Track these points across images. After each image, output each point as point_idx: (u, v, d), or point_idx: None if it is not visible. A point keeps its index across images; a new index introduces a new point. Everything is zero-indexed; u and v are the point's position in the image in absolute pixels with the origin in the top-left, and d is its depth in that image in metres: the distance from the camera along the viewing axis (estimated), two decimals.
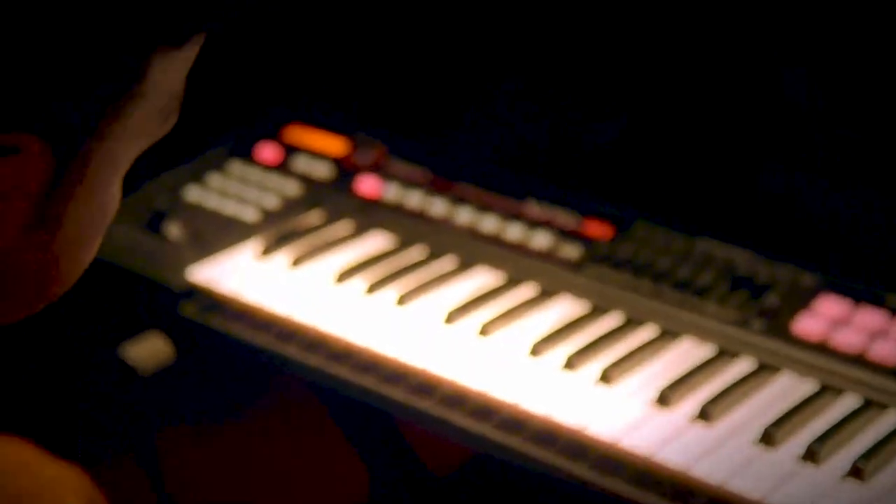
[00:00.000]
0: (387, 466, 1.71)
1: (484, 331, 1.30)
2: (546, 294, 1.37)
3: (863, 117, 1.34)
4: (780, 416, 1.17)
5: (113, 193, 0.73)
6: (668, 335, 1.30)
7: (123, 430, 1.59)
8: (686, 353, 1.27)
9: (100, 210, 0.73)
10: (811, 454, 1.12)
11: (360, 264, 1.41)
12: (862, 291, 1.29)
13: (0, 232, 0.68)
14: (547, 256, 1.41)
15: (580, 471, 1.16)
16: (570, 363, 1.25)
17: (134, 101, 0.69)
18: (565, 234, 1.43)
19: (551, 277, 1.39)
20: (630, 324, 1.32)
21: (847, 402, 1.20)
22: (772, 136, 1.40)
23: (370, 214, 1.51)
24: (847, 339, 1.24)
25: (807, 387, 1.22)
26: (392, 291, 1.37)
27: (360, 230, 1.49)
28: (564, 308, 1.35)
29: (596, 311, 1.34)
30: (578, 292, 1.36)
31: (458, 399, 1.25)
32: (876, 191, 1.34)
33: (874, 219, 1.33)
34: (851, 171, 1.35)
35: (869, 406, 1.19)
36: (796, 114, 1.38)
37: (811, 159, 1.38)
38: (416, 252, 1.45)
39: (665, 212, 1.42)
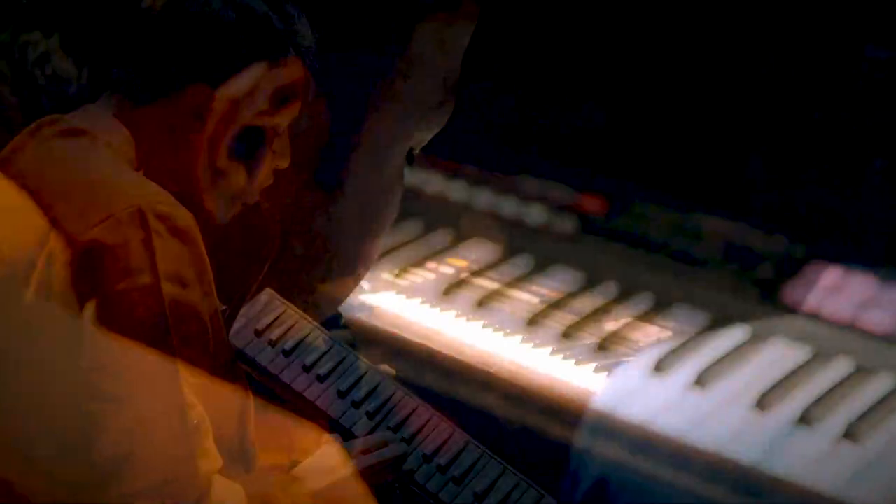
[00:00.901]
0: None
1: (481, 303, 1.32)
2: (541, 266, 1.39)
3: (854, 97, 1.36)
4: (774, 382, 1.19)
5: (393, 180, 0.62)
6: (662, 305, 1.32)
7: None
8: (681, 322, 1.29)
9: (379, 190, 0.63)
10: (805, 418, 1.14)
11: None
12: (853, 261, 1.30)
13: (285, 186, 0.58)
14: (542, 230, 1.43)
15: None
16: (568, 334, 1.27)
17: (402, 77, 0.60)
18: (560, 209, 1.45)
19: (546, 250, 1.40)
20: (624, 295, 1.33)
21: (839, 368, 1.22)
22: (764, 113, 1.41)
23: None
24: (838, 308, 1.26)
25: (800, 354, 1.24)
26: (387, 265, 1.38)
27: None
28: (560, 280, 1.36)
29: (591, 283, 1.35)
30: (573, 264, 1.38)
31: (457, 371, 1.26)
32: (866, 164, 1.35)
33: (865, 191, 1.35)
34: (842, 145, 1.37)
35: (860, 371, 1.21)
36: (789, 91, 1.40)
37: (802, 134, 1.39)
38: (411, 227, 1.46)
39: (659, 186, 1.43)
